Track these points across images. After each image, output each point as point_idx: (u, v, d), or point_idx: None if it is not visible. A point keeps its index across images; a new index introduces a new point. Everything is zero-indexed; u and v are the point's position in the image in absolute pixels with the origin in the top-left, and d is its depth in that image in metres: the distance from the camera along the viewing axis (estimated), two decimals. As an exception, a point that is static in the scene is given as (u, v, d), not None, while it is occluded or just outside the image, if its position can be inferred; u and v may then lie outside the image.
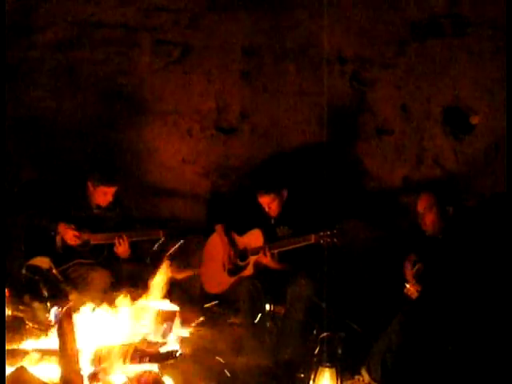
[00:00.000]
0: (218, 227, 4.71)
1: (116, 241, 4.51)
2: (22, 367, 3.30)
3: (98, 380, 3.44)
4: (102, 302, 3.89)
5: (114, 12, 5.10)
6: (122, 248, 4.53)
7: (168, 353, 3.71)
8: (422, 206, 3.88)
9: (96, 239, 4.56)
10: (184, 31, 5.11)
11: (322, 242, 4.17)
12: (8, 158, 4.82)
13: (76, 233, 4.49)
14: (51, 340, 3.61)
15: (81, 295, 4.17)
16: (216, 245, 4.71)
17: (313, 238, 4.20)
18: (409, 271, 3.84)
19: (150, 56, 5.17)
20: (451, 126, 4.89)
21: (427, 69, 4.83)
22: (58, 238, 4.54)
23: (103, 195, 4.56)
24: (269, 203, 4.47)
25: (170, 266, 4.14)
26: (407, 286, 3.83)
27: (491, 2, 4.62)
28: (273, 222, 4.57)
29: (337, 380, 3.53)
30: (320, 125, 5.01)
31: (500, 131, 4.65)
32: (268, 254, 4.35)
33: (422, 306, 3.70)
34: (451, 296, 3.62)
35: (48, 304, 4.26)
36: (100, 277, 4.39)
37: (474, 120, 4.83)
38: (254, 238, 4.51)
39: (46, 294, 4.38)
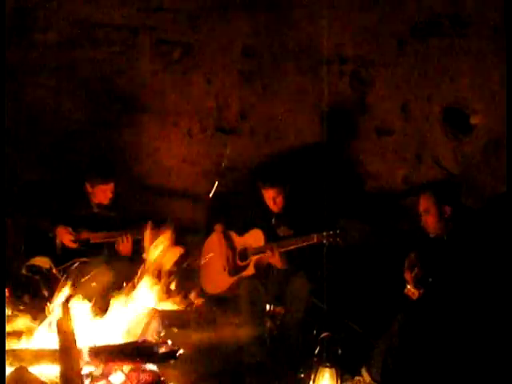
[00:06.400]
0: (218, 227, 4.71)
1: (120, 238, 4.52)
2: (21, 367, 3.30)
3: (98, 380, 3.44)
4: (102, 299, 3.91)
5: (113, 12, 5.11)
6: (125, 246, 4.53)
7: (168, 353, 3.71)
8: (421, 206, 3.89)
9: (95, 238, 4.57)
10: (184, 31, 5.11)
11: (324, 241, 4.17)
12: (8, 158, 4.82)
13: (72, 237, 4.51)
14: (51, 340, 3.60)
15: (81, 293, 4.17)
16: (216, 245, 4.71)
17: (315, 238, 4.20)
18: (408, 274, 3.83)
19: (150, 56, 5.18)
20: (451, 126, 4.89)
21: (427, 69, 4.82)
22: (57, 240, 4.56)
23: (102, 193, 4.59)
24: (274, 197, 4.46)
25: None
26: (408, 286, 3.82)
27: (491, 2, 4.61)
28: (273, 222, 4.57)
29: (337, 380, 3.53)
30: (320, 125, 5.01)
31: (500, 131, 4.65)
32: (276, 252, 4.33)
33: (423, 307, 3.70)
34: (453, 297, 3.61)
35: (48, 304, 4.26)
36: (102, 273, 4.39)
37: (474, 120, 4.83)
38: (254, 238, 4.51)
39: (46, 294, 4.38)
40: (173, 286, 4.49)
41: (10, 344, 3.58)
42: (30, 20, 5.12)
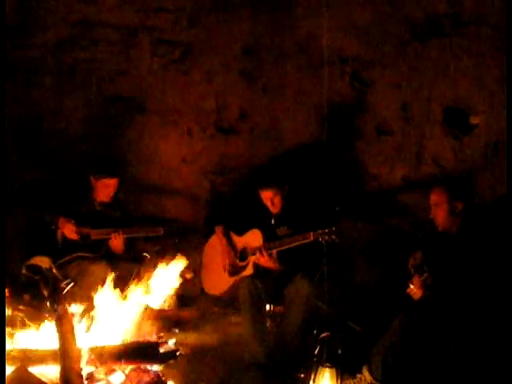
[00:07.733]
0: (218, 228, 4.71)
1: (112, 235, 4.55)
2: (22, 367, 3.31)
3: (98, 380, 3.45)
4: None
5: (113, 12, 5.10)
6: (116, 243, 4.56)
7: (168, 353, 3.72)
8: (433, 199, 3.85)
9: (96, 234, 4.59)
10: (184, 31, 5.11)
11: (320, 239, 4.15)
12: (8, 157, 4.82)
13: (74, 228, 4.53)
14: (51, 340, 3.60)
15: (80, 291, 4.18)
16: (216, 245, 4.71)
17: (311, 236, 4.19)
18: (416, 278, 3.78)
19: (150, 56, 5.18)
20: (451, 126, 4.89)
21: (427, 69, 4.82)
22: (58, 232, 4.57)
23: (105, 188, 4.62)
24: (271, 198, 4.46)
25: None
26: (411, 286, 3.79)
27: (491, 2, 4.61)
28: (273, 222, 4.56)
29: (337, 380, 3.53)
30: (320, 125, 5.01)
31: (500, 131, 4.65)
32: (265, 253, 4.33)
33: (425, 307, 3.69)
34: (455, 297, 3.61)
35: (48, 304, 4.26)
36: (100, 270, 4.39)
37: (474, 120, 4.83)
38: (253, 238, 4.50)
39: (46, 293, 4.38)
40: None
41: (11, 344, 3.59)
42: (30, 20, 5.11)
